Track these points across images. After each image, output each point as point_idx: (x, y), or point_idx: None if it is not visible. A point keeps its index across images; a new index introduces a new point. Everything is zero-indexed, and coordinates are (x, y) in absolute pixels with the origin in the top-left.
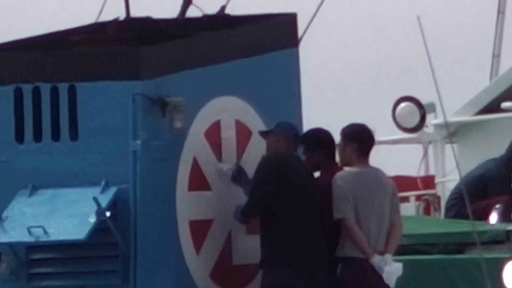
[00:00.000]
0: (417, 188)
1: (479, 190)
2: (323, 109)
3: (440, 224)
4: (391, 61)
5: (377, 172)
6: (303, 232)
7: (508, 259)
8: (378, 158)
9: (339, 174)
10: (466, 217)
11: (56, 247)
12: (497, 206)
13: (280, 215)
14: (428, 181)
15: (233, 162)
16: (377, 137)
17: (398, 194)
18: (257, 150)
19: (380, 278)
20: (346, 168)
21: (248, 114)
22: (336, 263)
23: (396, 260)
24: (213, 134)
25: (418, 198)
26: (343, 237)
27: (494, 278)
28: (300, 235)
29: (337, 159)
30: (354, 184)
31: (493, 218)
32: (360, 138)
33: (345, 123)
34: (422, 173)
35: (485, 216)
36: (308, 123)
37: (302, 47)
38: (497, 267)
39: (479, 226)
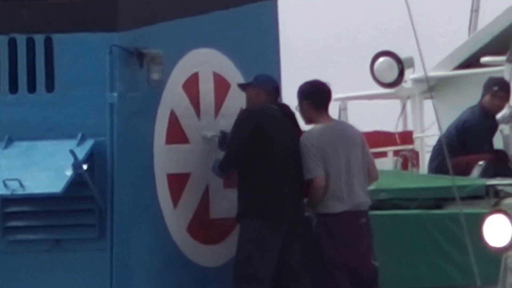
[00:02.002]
0: (395, 144)
1: (460, 142)
2: (301, 64)
3: (418, 178)
4: (369, 16)
5: (341, 125)
6: (282, 186)
7: (488, 214)
8: (356, 113)
9: (303, 134)
10: (447, 171)
11: (32, 200)
12: (480, 163)
13: (258, 169)
14: (406, 137)
15: (216, 129)
16: (355, 92)
17: (366, 143)
18: (235, 102)
19: (354, 230)
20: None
21: (226, 66)
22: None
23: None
24: (191, 86)
25: (396, 153)
26: None
27: (473, 234)
28: (278, 189)
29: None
30: (319, 140)
31: (475, 175)
32: (313, 94)
33: (323, 77)
34: (400, 129)
35: (467, 173)
36: (286, 78)
37: (280, 1)
38: (477, 222)
39: (459, 181)
